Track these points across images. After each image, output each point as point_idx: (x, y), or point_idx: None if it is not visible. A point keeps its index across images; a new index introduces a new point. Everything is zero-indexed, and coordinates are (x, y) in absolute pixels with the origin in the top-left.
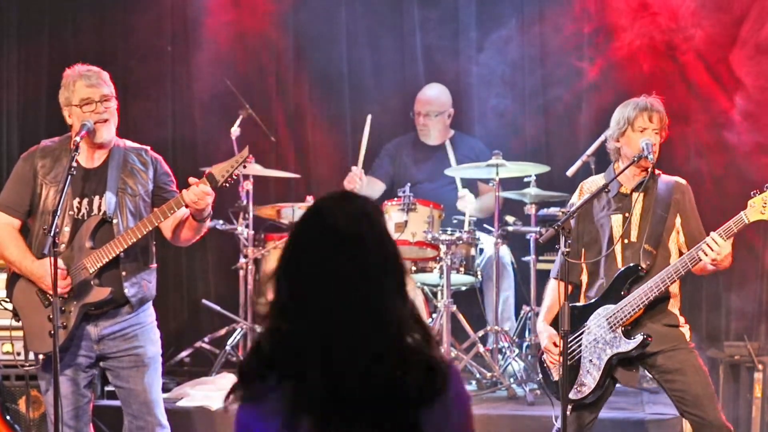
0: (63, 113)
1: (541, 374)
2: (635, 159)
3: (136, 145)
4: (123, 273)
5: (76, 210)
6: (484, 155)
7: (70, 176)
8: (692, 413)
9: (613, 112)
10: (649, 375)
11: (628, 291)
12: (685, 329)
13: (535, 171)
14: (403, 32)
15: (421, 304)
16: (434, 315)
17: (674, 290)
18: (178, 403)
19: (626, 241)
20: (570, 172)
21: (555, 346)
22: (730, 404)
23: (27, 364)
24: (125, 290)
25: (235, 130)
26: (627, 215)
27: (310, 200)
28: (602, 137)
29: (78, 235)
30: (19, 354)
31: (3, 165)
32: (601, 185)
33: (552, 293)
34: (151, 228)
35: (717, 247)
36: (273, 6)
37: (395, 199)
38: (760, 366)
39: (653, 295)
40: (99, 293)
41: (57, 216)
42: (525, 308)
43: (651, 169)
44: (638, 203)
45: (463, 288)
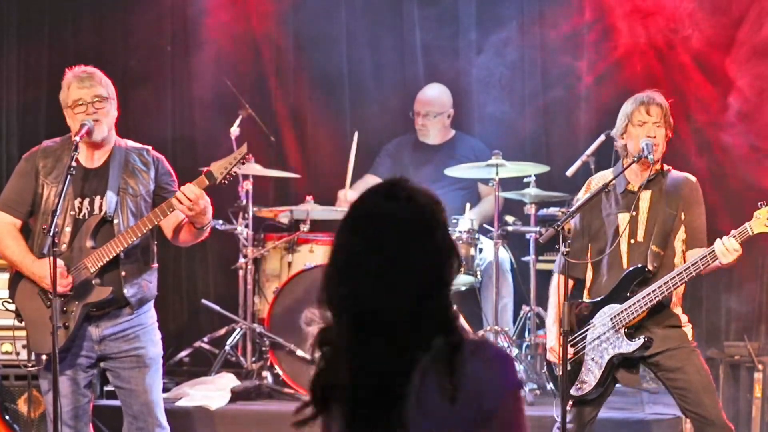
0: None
1: (547, 369)
2: (635, 159)
3: (138, 145)
4: (122, 273)
5: (77, 210)
6: (485, 155)
7: (70, 176)
8: (694, 412)
9: (613, 112)
10: (650, 375)
11: (634, 292)
12: (688, 329)
13: (535, 171)
14: (403, 32)
15: None
16: None
17: (677, 290)
18: (178, 403)
19: (632, 241)
20: (570, 172)
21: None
22: (730, 404)
23: (30, 365)
24: (124, 291)
25: (235, 130)
26: (634, 214)
27: (310, 200)
28: (602, 137)
29: (78, 235)
30: (20, 354)
31: (3, 165)
32: (602, 184)
33: (557, 290)
34: (151, 227)
35: (732, 253)
36: (273, 6)
37: None
38: (760, 366)
39: (657, 299)
40: (100, 293)
41: (57, 215)
42: (525, 308)
43: (653, 168)
44: (645, 201)
45: (463, 288)
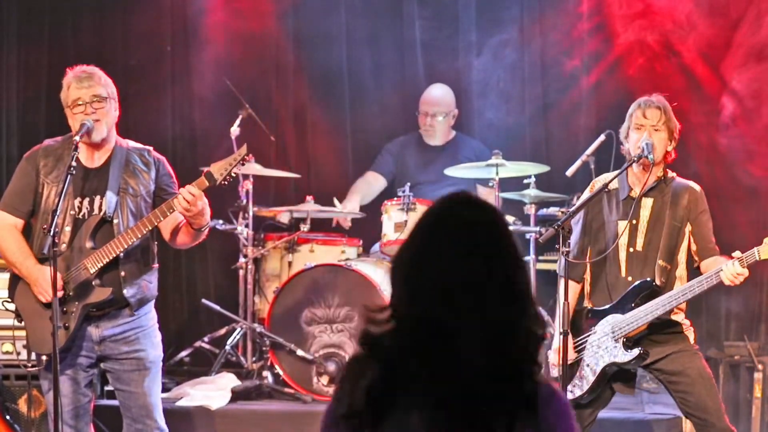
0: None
1: (545, 371)
2: (634, 159)
3: (139, 146)
4: (122, 274)
5: (77, 209)
6: (485, 156)
7: (71, 176)
8: (695, 415)
9: (612, 113)
10: (649, 375)
11: (638, 304)
12: (690, 332)
13: (535, 171)
14: (403, 32)
15: None
16: None
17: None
18: (178, 403)
19: (631, 250)
20: (569, 172)
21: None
22: (730, 404)
23: (30, 365)
24: (124, 291)
25: (235, 130)
26: (635, 222)
27: (310, 200)
28: (602, 137)
29: (78, 235)
30: (20, 354)
31: (3, 165)
32: (601, 186)
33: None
34: (150, 227)
35: (737, 277)
36: (273, 6)
37: (395, 199)
38: (760, 366)
39: (660, 313)
40: (100, 293)
41: (57, 215)
42: None
43: (653, 171)
44: (646, 209)
45: None
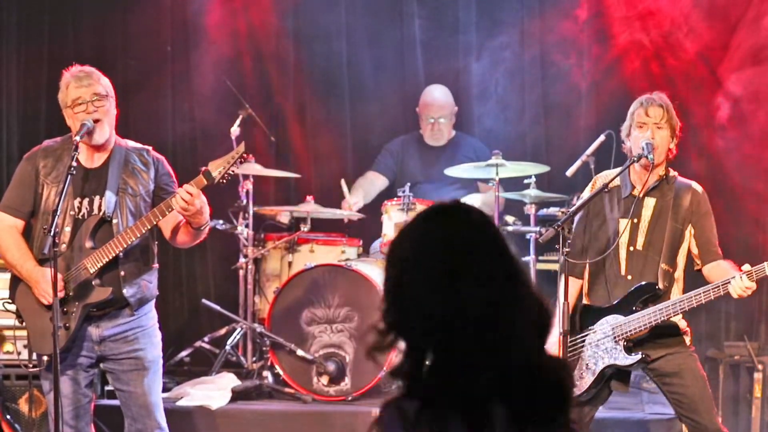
0: (63, 115)
1: None
2: (634, 159)
3: (138, 145)
4: (121, 273)
5: (77, 210)
6: (485, 155)
7: (71, 176)
8: (688, 417)
9: (612, 112)
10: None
11: (641, 307)
12: (686, 334)
13: (535, 171)
14: (403, 32)
15: None
16: None
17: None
18: (178, 403)
19: (632, 249)
20: (570, 172)
21: None
22: (730, 404)
23: (30, 365)
24: (123, 291)
25: (235, 130)
26: (636, 221)
27: (310, 200)
28: (602, 137)
29: (78, 235)
30: (21, 354)
31: (3, 165)
32: (601, 186)
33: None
34: (150, 227)
35: (746, 291)
36: (273, 5)
37: (395, 199)
38: (760, 366)
39: (663, 319)
40: (100, 293)
41: (57, 215)
42: None
43: (654, 170)
44: (648, 209)
45: None
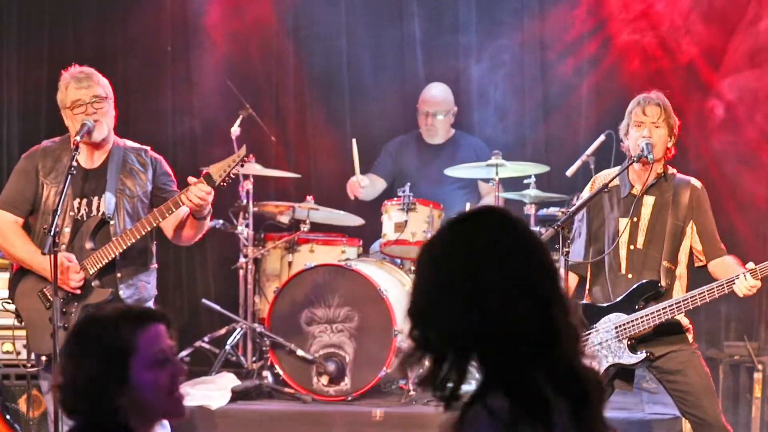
0: (62, 115)
1: None
2: (634, 159)
3: (137, 146)
4: (118, 275)
5: (76, 210)
6: (485, 154)
7: (71, 176)
8: (692, 414)
9: (612, 113)
10: (650, 375)
11: (644, 306)
12: (689, 331)
13: (535, 171)
14: (403, 32)
15: None
16: None
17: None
18: None
19: (632, 247)
20: (570, 172)
21: None
22: (730, 404)
23: (29, 365)
24: (120, 292)
25: (236, 130)
26: (635, 220)
27: (310, 200)
28: (602, 137)
29: (78, 236)
30: (20, 354)
31: (3, 165)
32: (601, 186)
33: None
34: (150, 228)
35: (751, 289)
36: (273, 5)
37: (395, 199)
38: (760, 366)
39: (667, 317)
40: (100, 294)
41: (57, 216)
42: None
43: (653, 169)
44: (647, 207)
45: None
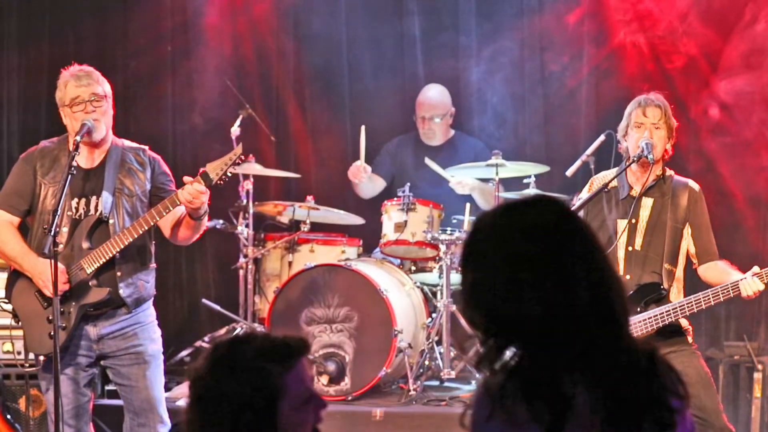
0: (60, 114)
1: None
2: (634, 159)
3: (135, 145)
4: (118, 273)
5: (74, 210)
6: (485, 155)
7: (71, 176)
8: (694, 415)
9: (613, 113)
10: None
11: (644, 308)
12: (688, 332)
13: (535, 171)
14: (403, 32)
15: (421, 304)
16: (434, 315)
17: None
18: (179, 402)
19: (630, 249)
20: (569, 172)
21: None
22: (730, 404)
23: (27, 365)
24: (120, 291)
25: (235, 130)
26: (634, 221)
27: (310, 200)
28: (602, 137)
29: (75, 235)
30: (20, 353)
31: (3, 165)
32: (600, 187)
33: None
34: (147, 227)
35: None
36: (273, 6)
37: (395, 199)
38: (760, 366)
39: (670, 320)
40: (97, 294)
41: (57, 215)
42: None
43: (652, 170)
44: (646, 209)
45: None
